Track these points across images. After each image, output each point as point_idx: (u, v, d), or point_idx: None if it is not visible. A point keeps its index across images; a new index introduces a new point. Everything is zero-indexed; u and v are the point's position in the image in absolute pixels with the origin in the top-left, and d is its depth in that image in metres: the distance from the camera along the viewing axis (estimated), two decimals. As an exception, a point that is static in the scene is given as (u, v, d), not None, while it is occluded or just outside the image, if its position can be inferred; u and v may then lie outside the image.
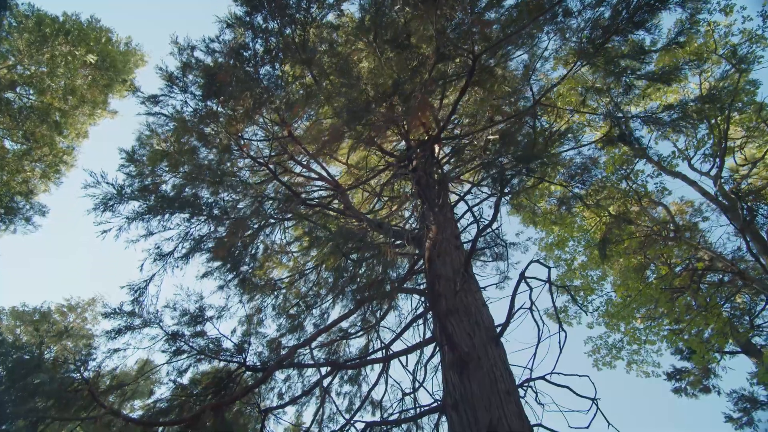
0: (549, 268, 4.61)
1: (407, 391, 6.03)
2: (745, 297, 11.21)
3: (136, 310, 4.77)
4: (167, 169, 7.29)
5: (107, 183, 5.61)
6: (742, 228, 7.33)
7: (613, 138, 5.77)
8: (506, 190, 5.78)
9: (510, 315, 5.24)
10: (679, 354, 13.38)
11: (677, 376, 13.20)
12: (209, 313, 4.89)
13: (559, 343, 4.32)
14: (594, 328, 14.35)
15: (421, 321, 8.16)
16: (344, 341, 7.18)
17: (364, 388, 6.88)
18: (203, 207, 5.85)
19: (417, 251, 5.98)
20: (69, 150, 10.99)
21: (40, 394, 3.27)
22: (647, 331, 12.43)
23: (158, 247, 6.13)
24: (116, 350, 4.50)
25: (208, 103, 6.24)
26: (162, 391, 5.09)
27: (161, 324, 4.79)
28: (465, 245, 7.51)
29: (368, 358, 6.84)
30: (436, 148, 6.57)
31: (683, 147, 11.86)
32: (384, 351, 6.98)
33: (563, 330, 4.33)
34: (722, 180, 8.91)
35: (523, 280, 5.17)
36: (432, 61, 4.80)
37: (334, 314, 7.24)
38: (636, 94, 6.62)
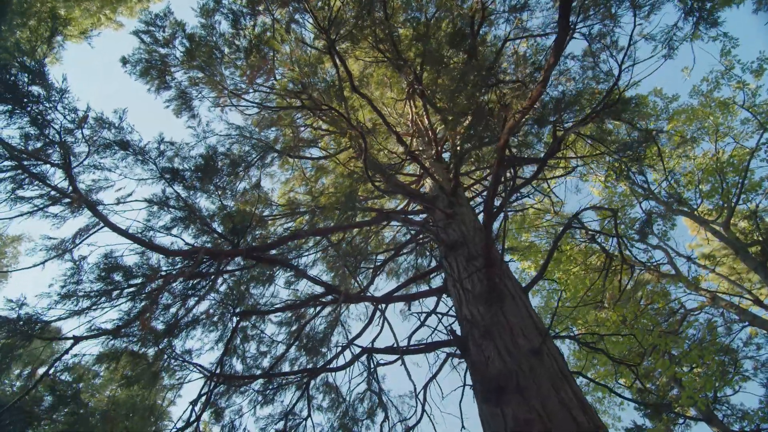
0: (615, 212, 4.09)
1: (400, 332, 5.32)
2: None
3: (132, 139, 3.89)
4: (180, 58, 6.60)
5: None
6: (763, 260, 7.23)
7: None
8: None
9: (549, 257, 4.67)
10: (642, 410, 12.98)
11: (635, 434, 12.72)
12: (221, 162, 4.03)
13: (620, 281, 3.75)
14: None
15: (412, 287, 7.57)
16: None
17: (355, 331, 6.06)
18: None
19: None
20: (69, 20, 9.71)
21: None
22: (614, 375, 12.04)
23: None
24: (97, 166, 3.59)
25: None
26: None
27: (157, 162, 3.93)
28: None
29: (364, 295, 6.05)
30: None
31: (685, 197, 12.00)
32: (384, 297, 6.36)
33: (628, 265, 3.76)
34: (732, 224, 8.89)
35: (575, 221, 4.64)
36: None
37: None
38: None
